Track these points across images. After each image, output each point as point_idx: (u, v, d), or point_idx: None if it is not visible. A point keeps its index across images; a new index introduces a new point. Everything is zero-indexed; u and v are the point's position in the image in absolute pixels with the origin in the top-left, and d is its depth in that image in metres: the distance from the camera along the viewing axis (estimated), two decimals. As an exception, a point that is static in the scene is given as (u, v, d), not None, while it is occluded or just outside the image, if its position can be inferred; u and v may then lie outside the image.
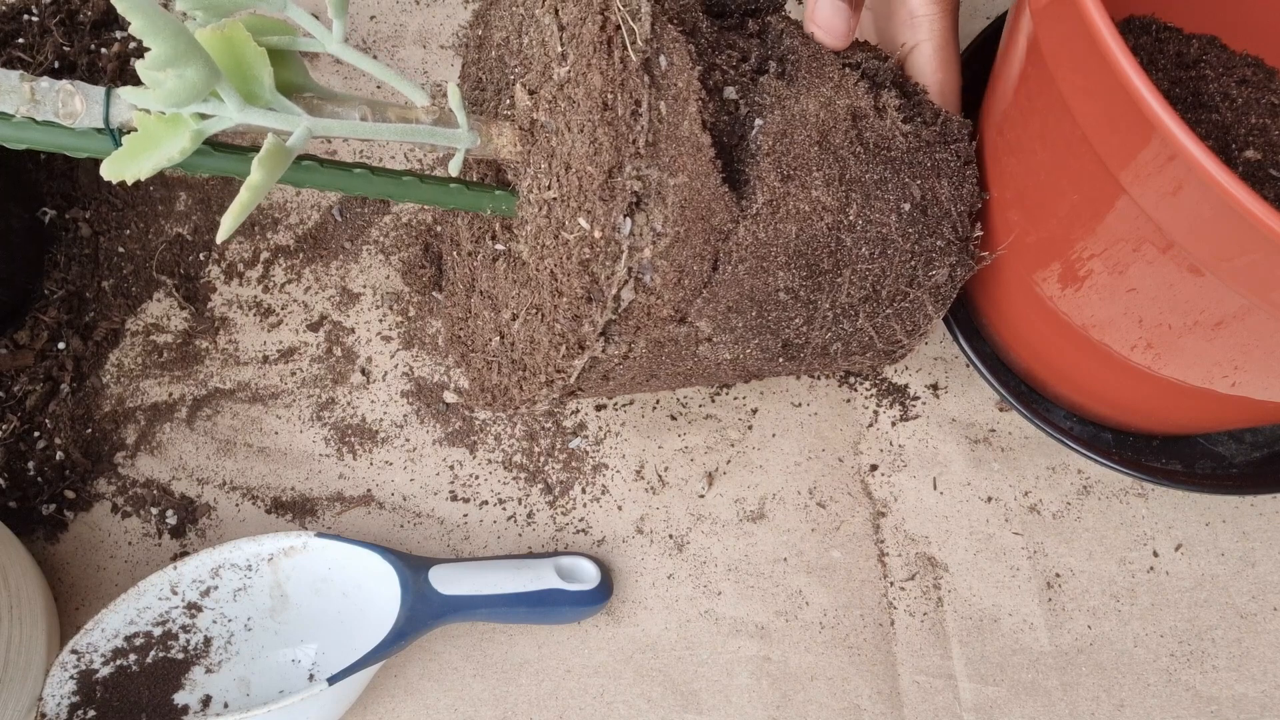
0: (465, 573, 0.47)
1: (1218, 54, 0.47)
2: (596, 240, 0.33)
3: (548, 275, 0.36)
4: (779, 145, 0.37)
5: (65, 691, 0.44)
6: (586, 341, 0.35)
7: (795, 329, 0.40)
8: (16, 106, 0.32)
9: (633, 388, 0.42)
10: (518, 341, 0.38)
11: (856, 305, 0.41)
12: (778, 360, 0.42)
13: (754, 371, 0.43)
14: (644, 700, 0.49)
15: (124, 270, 0.57)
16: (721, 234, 0.36)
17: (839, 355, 0.44)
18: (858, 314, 0.42)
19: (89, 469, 0.53)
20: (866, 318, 0.42)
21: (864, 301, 0.41)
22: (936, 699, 0.49)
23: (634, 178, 0.33)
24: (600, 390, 0.40)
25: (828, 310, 0.41)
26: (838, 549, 0.52)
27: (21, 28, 0.61)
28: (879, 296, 0.42)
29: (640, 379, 0.40)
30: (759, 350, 0.40)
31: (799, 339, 0.41)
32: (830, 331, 0.42)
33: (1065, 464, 0.53)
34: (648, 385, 0.42)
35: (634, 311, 0.35)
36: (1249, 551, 0.51)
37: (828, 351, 0.43)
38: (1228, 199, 0.28)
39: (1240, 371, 0.37)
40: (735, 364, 0.41)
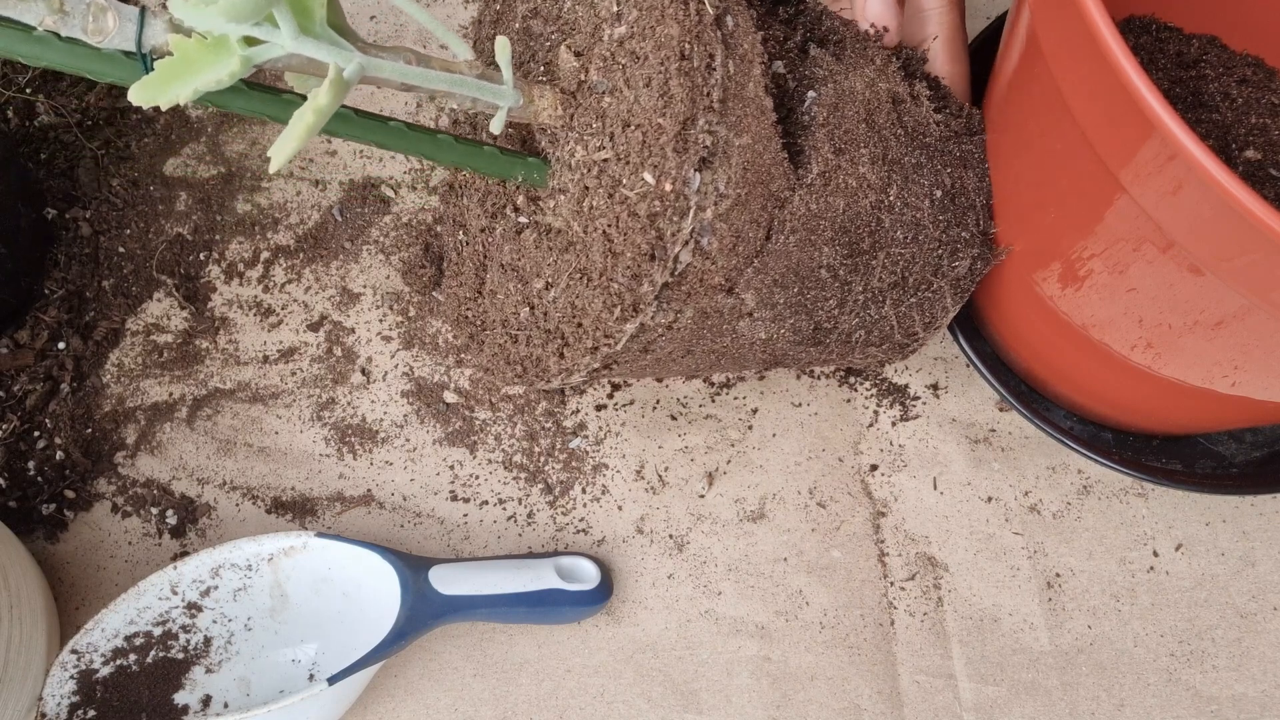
0: (465, 573, 0.47)
1: (1218, 54, 0.47)
2: (665, 193, 0.33)
3: (599, 236, 0.35)
4: (833, 118, 0.38)
5: (65, 691, 0.44)
6: (643, 302, 0.34)
7: (828, 311, 0.41)
8: (40, 18, 0.29)
9: (663, 366, 0.41)
10: (553, 310, 0.38)
11: (885, 291, 0.42)
12: (804, 346, 0.42)
13: (778, 357, 0.43)
14: (644, 700, 0.49)
15: (124, 270, 0.57)
16: (778, 201, 0.36)
17: (859, 345, 0.44)
18: (884, 300, 0.42)
19: (89, 469, 0.53)
20: (892, 305, 0.42)
21: (892, 288, 0.42)
22: (936, 699, 0.49)
23: (706, 132, 0.33)
24: (633, 366, 0.39)
25: (860, 294, 0.41)
26: (838, 549, 0.52)
27: (21, 28, 0.61)
28: (906, 283, 0.42)
29: (676, 355, 0.39)
30: (791, 332, 0.40)
31: (829, 322, 0.41)
32: (857, 317, 0.42)
33: (1065, 464, 0.53)
34: (679, 364, 0.41)
35: (688, 276, 0.34)
36: (1249, 551, 0.51)
37: (850, 339, 0.43)
38: (1228, 199, 0.28)
39: (1240, 371, 0.37)
40: (766, 346, 0.41)
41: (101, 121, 0.59)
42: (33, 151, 0.58)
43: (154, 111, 0.60)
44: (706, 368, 0.44)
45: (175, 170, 0.59)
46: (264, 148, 0.59)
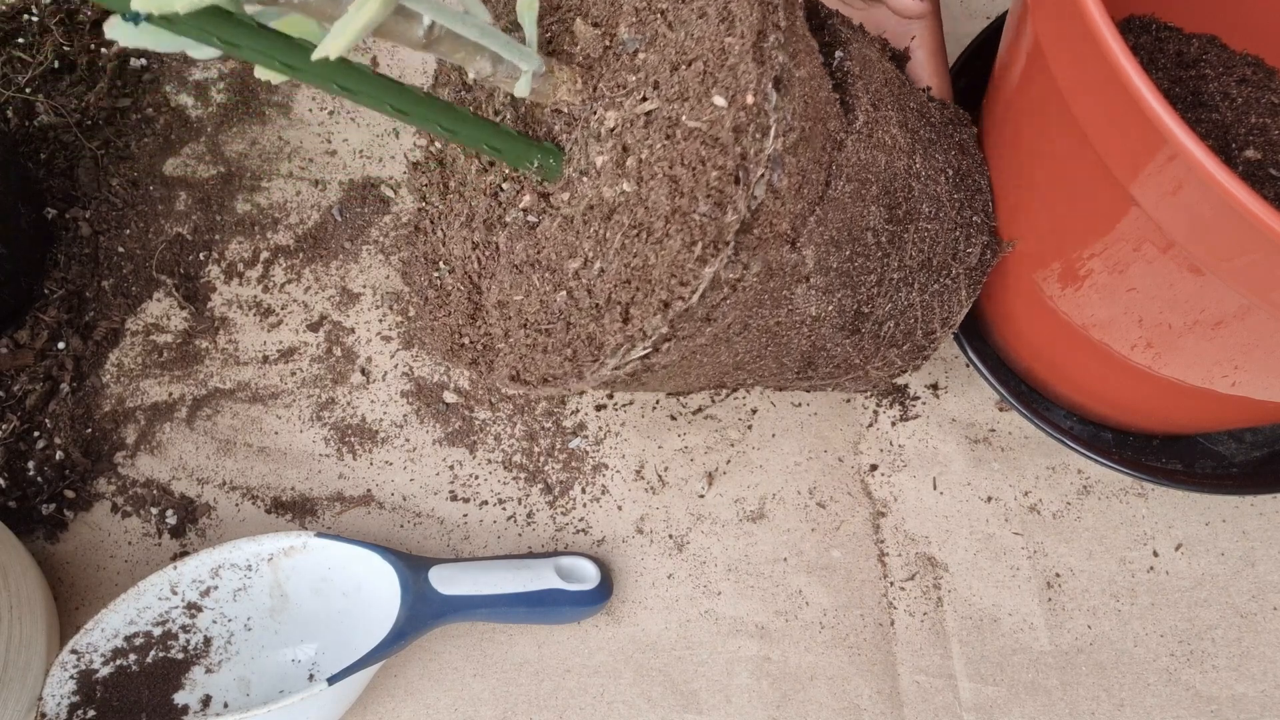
0: (465, 573, 0.47)
1: (1218, 54, 0.47)
2: (748, 106, 0.32)
3: (661, 182, 0.34)
4: (865, 73, 0.38)
5: (65, 691, 0.44)
6: (725, 235, 0.33)
7: (868, 289, 0.41)
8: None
9: (710, 355, 0.40)
10: (600, 283, 0.37)
11: (914, 273, 0.42)
12: (843, 335, 0.42)
13: (815, 353, 0.43)
14: (644, 700, 0.49)
15: (124, 270, 0.57)
16: (835, 143, 0.36)
17: (886, 341, 0.44)
18: (913, 284, 0.42)
19: (89, 469, 0.53)
20: (919, 291, 0.43)
21: (920, 269, 0.42)
22: (936, 699, 0.49)
23: (777, 48, 0.32)
24: (685, 350, 0.38)
25: (895, 272, 0.41)
26: (838, 549, 0.52)
27: (21, 27, 0.61)
28: (931, 265, 0.42)
29: (731, 333, 0.39)
30: (836, 313, 0.41)
31: (867, 306, 0.41)
32: (890, 302, 0.42)
33: (1065, 464, 0.53)
34: (726, 351, 0.40)
35: (760, 219, 0.34)
36: (1249, 551, 0.51)
37: (880, 332, 0.43)
38: (1228, 199, 0.28)
39: (1240, 371, 0.37)
40: (812, 330, 0.41)
41: (101, 121, 0.59)
42: (33, 151, 0.58)
43: (154, 111, 0.60)
44: (749, 361, 0.43)
45: (175, 170, 0.59)
46: (264, 147, 0.59)
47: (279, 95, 0.60)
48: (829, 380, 0.47)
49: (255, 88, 0.60)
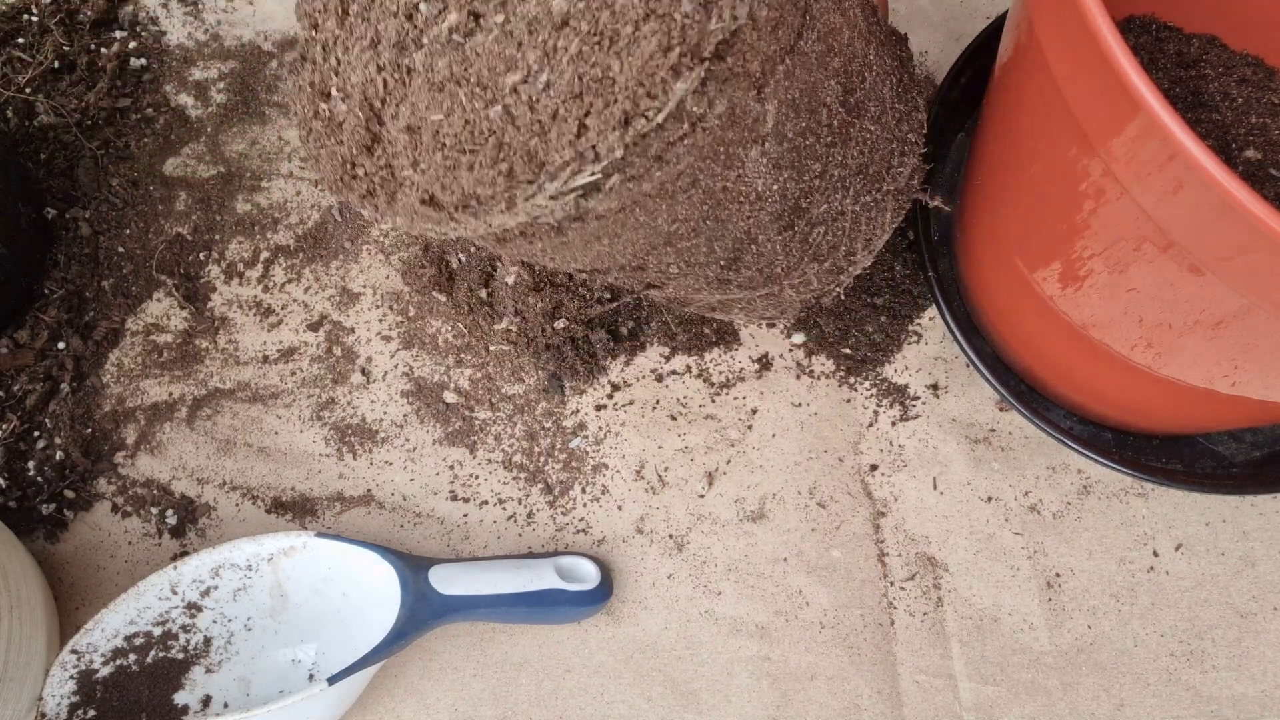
0: (465, 573, 0.47)
1: (1218, 54, 0.47)
2: None
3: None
4: None
5: (65, 691, 0.44)
6: (708, 44, 0.31)
7: (811, 178, 0.40)
8: None
9: (651, 211, 0.38)
10: (547, 97, 0.34)
11: (852, 175, 0.42)
12: (778, 227, 0.41)
13: (747, 244, 0.42)
14: (644, 700, 0.49)
15: (124, 270, 0.57)
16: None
17: (810, 252, 0.43)
18: (849, 188, 0.42)
19: (89, 469, 0.53)
20: (853, 199, 0.42)
21: (857, 174, 0.42)
22: (936, 699, 0.49)
23: None
24: (633, 186, 0.36)
25: (837, 168, 0.41)
26: (838, 549, 0.52)
27: (21, 27, 0.61)
28: (867, 172, 0.42)
29: (680, 186, 0.37)
30: (779, 198, 0.40)
31: (805, 201, 0.41)
32: (826, 203, 0.42)
33: (1065, 464, 0.53)
34: (671, 212, 0.39)
35: (735, 46, 0.33)
36: (1249, 551, 0.51)
37: (809, 238, 0.43)
38: (1228, 199, 0.28)
39: (1240, 371, 0.37)
40: (751, 212, 0.40)
41: (101, 121, 0.59)
42: (33, 151, 0.58)
43: (154, 111, 0.60)
44: (682, 237, 0.41)
45: (175, 170, 0.59)
46: (264, 148, 0.59)
47: (279, 95, 0.60)
48: (744, 291, 0.46)
49: (255, 88, 0.60)
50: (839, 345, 0.54)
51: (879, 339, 0.54)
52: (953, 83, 0.52)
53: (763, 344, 0.55)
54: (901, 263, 0.54)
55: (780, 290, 0.46)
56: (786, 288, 0.46)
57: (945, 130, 0.54)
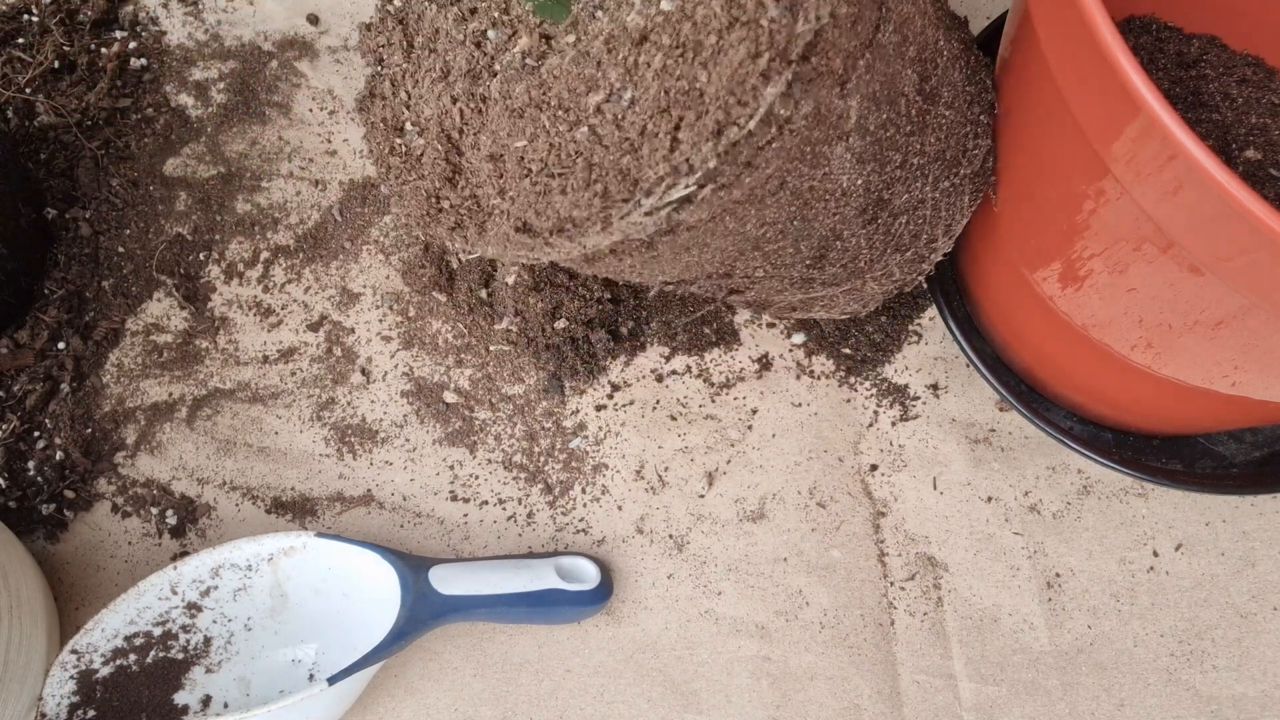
0: (465, 573, 0.47)
1: (1218, 54, 0.47)
2: None
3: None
4: None
5: (65, 691, 0.44)
6: (796, 46, 0.31)
7: (894, 168, 0.40)
8: None
9: (740, 216, 0.37)
10: (633, 114, 0.34)
11: (931, 163, 0.41)
12: (862, 220, 0.41)
13: (838, 232, 0.42)
14: (644, 700, 0.49)
15: (124, 270, 0.57)
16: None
17: (894, 242, 0.43)
18: (929, 175, 0.42)
19: (89, 469, 0.53)
20: (932, 185, 0.42)
21: (935, 160, 0.41)
22: (936, 699, 0.49)
23: None
24: (725, 194, 0.35)
25: (916, 156, 0.40)
26: (838, 549, 0.52)
27: (21, 27, 0.61)
28: (945, 157, 0.42)
29: (769, 190, 0.37)
30: (863, 190, 0.40)
31: (888, 192, 0.41)
32: (908, 192, 0.41)
33: (1065, 464, 0.53)
34: (760, 215, 0.38)
35: (819, 46, 0.32)
36: (1249, 551, 0.51)
37: (892, 229, 0.42)
38: (1228, 199, 0.28)
39: (1240, 371, 0.37)
40: (838, 208, 0.40)
41: (101, 121, 0.59)
42: (33, 151, 0.58)
43: (154, 111, 0.60)
44: (770, 239, 0.41)
45: (175, 170, 0.59)
46: (264, 148, 0.59)
47: (279, 95, 0.60)
48: (828, 289, 0.46)
49: (255, 88, 0.60)
50: (839, 345, 0.54)
51: (879, 339, 0.54)
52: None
53: (763, 344, 0.55)
54: (901, 263, 0.54)
55: (863, 284, 0.46)
56: (869, 280, 0.46)
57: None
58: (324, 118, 0.60)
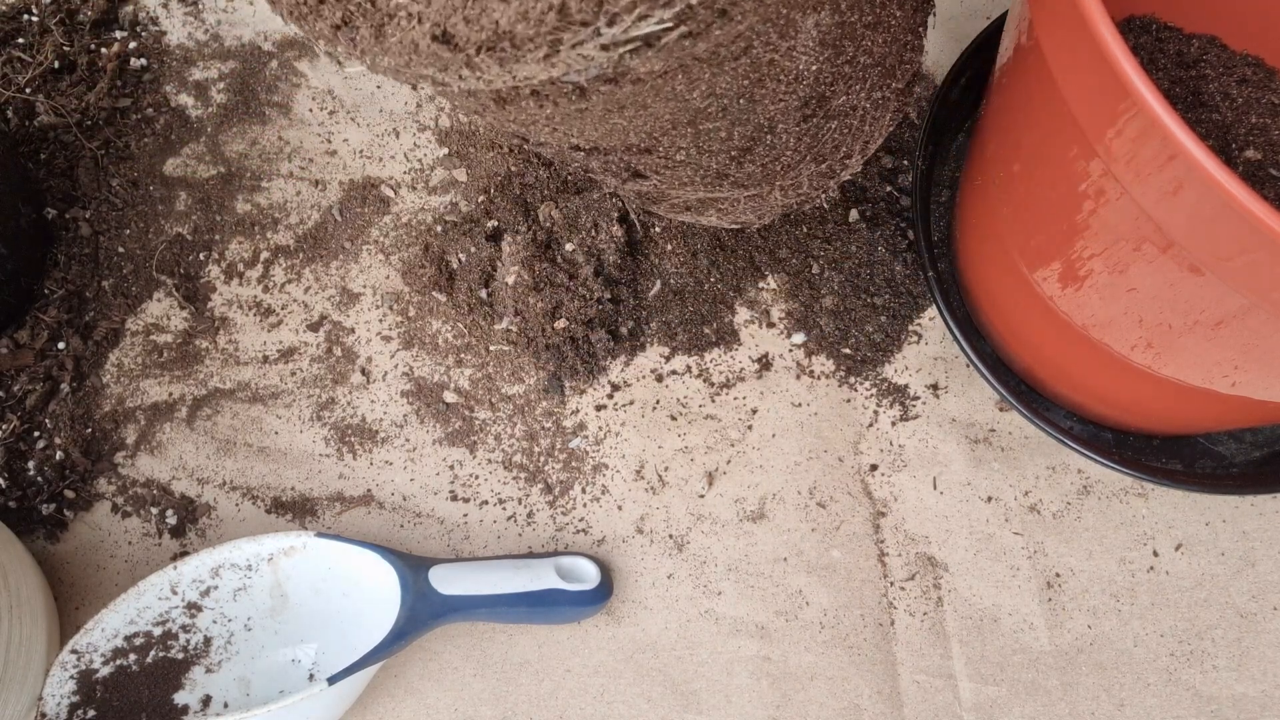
0: (465, 573, 0.47)
1: (1218, 54, 0.47)
2: None
3: None
4: None
5: (65, 691, 0.44)
6: None
7: (844, 60, 0.39)
8: None
9: (693, 78, 0.34)
10: None
11: (872, 66, 0.40)
12: (799, 116, 0.40)
13: (774, 125, 0.40)
14: (644, 700, 0.49)
15: (124, 270, 0.57)
16: None
17: (814, 150, 0.42)
18: (867, 80, 0.41)
19: (89, 469, 0.53)
20: (868, 92, 0.41)
21: (875, 66, 0.40)
22: (936, 699, 0.49)
23: None
24: (690, 44, 0.31)
25: (864, 55, 0.39)
26: (838, 549, 0.52)
27: (21, 27, 0.61)
28: (884, 64, 0.41)
29: (732, 53, 0.33)
30: (812, 84, 0.38)
31: (830, 89, 0.39)
32: (846, 95, 0.40)
33: (1065, 464, 0.53)
34: (713, 82, 0.35)
35: None
36: (1249, 551, 0.51)
37: (820, 133, 0.42)
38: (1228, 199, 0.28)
39: (1240, 371, 0.37)
40: (786, 93, 0.38)
41: (101, 121, 0.59)
42: (33, 151, 0.58)
43: (154, 111, 0.60)
44: (710, 116, 0.37)
45: (175, 170, 0.59)
46: (264, 148, 0.59)
47: (279, 95, 0.60)
48: (739, 188, 0.43)
49: (255, 88, 0.60)
50: (839, 345, 0.54)
51: (879, 339, 0.54)
52: (953, 83, 0.52)
53: (763, 344, 0.55)
54: (901, 263, 0.54)
55: (770, 191, 0.44)
56: (777, 189, 0.44)
57: (945, 130, 0.54)
58: (324, 118, 0.60)
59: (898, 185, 0.56)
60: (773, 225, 0.56)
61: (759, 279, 0.56)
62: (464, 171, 0.58)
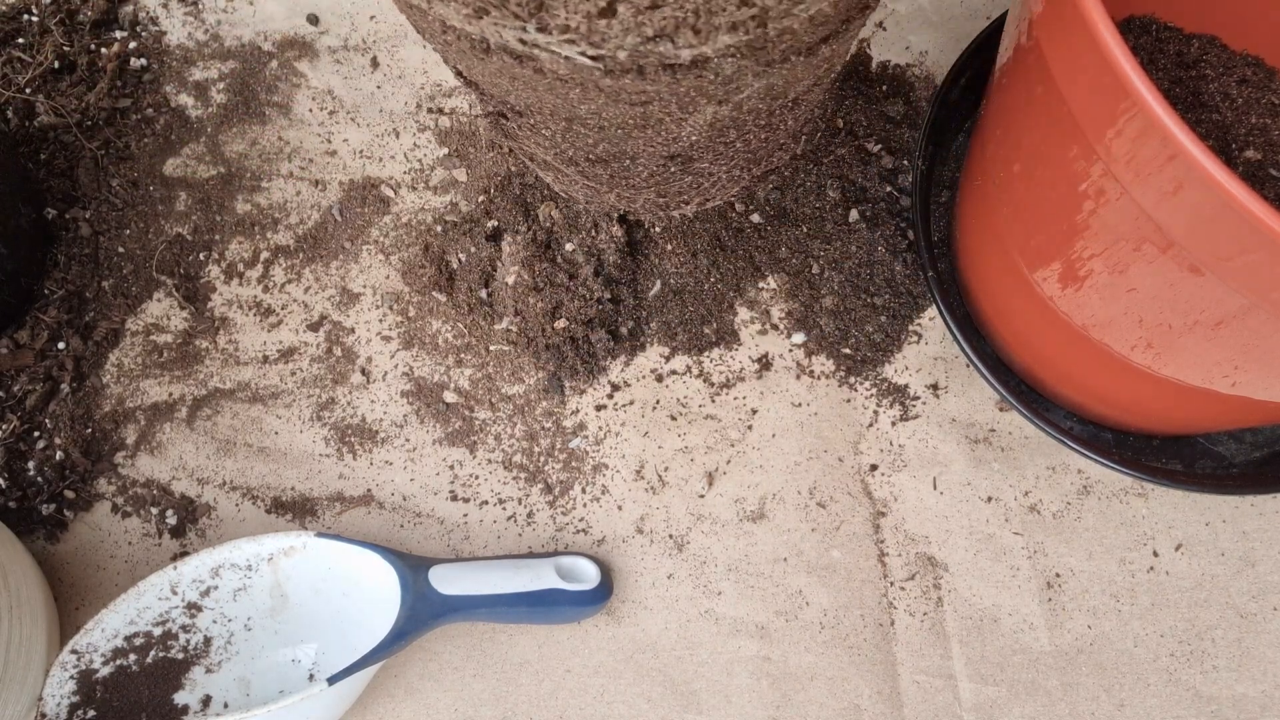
0: (465, 573, 0.47)
1: (1218, 54, 0.47)
2: None
3: None
4: None
5: (65, 691, 0.44)
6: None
7: (717, 142, 0.41)
8: None
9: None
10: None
11: (740, 154, 0.44)
12: (670, 161, 0.43)
13: (641, 160, 0.43)
14: (644, 700, 0.49)
15: (124, 270, 0.57)
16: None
17: (666, 189, 0.45)
18: (733, 160, 0.44)
19: (89, 469, 0.53)
20: (727, 170, 0.45)
21: (744, 153, 0.44)
22: (936, 699, 0.49)
23: None
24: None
25: (736, 139, 0.42)
26: (838, 549, 0.52)
27: (21, 28, 0.61)
28: (754, 155, 0.44)
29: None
30: (688, 144, 0.41)
31: (700, 155, 0.42)
32: (709, 164, 0.43)
33: (1065, 464, 0.53)
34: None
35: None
36: (1249, 551, 0.51)
37: (669, 179, 0.44)
38: (1228, 199, 0.28)
39: (1240, 371, 0.37)
40: (664, 143, 0.40)
41: (101, 121, 0.59)
42: (33, 151, 0.58)
43: (154, 111, 0.60)
44: (592, 130, 0.39)
45: (175, 170, 0.59)
46: (264, 148, 0.59)
47: (279, 95, 0.60)
48: (585, 179, 0.47)
49: (255, 88, 0.60)
50: (839, 345, 0.54)
51: (879, 339, 0.54)
52: (953, 83, 0.52)
53: (763, 344, 0.55)
54: (901, 263, 0.54)
55: (606, 192, 0.48)
56: (613, 194, 0.48)
57: (945, 131, 0.54)
58: (324, 118, 0.60)
59: (898, 185, 0.56)
60: (773, 225, 0.56)
61: (759, 279, 0.56)
62: (464, 171, 0.58)
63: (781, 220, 0.56)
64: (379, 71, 0.61)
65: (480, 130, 0.59)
